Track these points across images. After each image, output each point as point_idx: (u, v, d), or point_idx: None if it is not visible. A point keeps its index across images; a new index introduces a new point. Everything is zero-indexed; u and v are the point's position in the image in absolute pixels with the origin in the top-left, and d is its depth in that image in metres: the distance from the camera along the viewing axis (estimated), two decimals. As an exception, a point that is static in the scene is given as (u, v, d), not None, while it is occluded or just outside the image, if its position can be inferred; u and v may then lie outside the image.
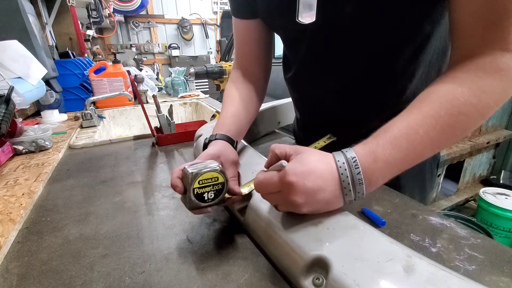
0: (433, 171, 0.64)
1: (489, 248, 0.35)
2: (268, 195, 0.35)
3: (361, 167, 0.31)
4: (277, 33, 0.60)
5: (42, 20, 1.60)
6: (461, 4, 0.35)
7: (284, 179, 0.31)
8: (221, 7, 4.48)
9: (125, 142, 0.88)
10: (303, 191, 0.31)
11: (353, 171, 0.31)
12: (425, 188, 0.63)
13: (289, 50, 0.61)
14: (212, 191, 0.36)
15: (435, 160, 0.64)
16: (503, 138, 2.00)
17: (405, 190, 0.53)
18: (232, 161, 0.45)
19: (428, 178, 0.62)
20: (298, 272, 0.30)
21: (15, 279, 0.34)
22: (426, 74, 0.51)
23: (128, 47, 3.91)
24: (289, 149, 0.35)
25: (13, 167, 0.68)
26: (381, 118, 0.35)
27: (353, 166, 0.31)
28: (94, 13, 2.21)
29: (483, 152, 2.01)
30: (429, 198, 0.73)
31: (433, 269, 0.25)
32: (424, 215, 0.42)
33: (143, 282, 0.33)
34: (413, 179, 0.59)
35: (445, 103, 0.33)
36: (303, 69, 0.58)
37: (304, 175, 0.31)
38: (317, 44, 0.51)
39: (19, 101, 0.76)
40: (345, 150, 0.33)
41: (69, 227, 0.45)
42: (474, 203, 1.96)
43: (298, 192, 0.31)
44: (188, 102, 1.61)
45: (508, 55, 0.32)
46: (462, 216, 1.56)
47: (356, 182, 0.31)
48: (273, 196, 0.34)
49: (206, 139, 0.50)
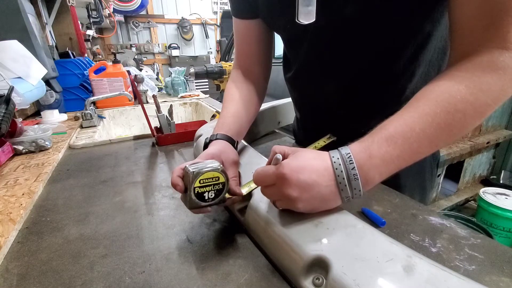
0: (433, 171, 0.63)
1: (489, 248, 0.35)
2: (265, 189, 0.35)
3: (356, 163, 0.32)
4: (278, 33, 0.60)
5: (42, 20, 1.60)
6: (460, 4, 0.35)
7: (278, 172, 0.32)
8: (221, 7, 4.48)
9: (125, 142, 0.88)
10: (296, 184, 0.31)
11: (348, 167, 0.32)
12: (425, 187, 0.63)
13: (289, 50, 0.61)
14: (213, 190, 0.36)
15: (435, 160, 0.64)
16: (503, 138, 2.00)
17: (405, 190, 0.53)
18: (232, 161, 0.45)
19: (428, 178, 0.62)
20: (298, 272, 0.30)
21: (15, 279, 0.34)
22: (426, 73, 0.51)
23: (128, 47, 3.90)
24: (288, 149, 0.36)
25: (13, 167, 0.68)
26: (381, 117, 0.35)
27: (348, 161, 0.32)
28: (94, 13, 2.21)
29: (483, 152, 2.01)
30: (429, 198, 0.73)
31: (433, 269, 0.25)
32: (424, 215, 0.42)
33: (143, 282, 0.33)
34: (413, 179, 0.59)
35: (441, 101, 0.33)
36: (303, 69, 0.58)
37: (299, 169, 0.32)
38: (317, 44, 0.51)
39: (19, 101, 0.76)
40: (340, 147, 0.34)
41: (69, 227, 0.45)
42: (474, 203, 1.96)
43: (291, 184, 0.31)
44: (188, 102, 1.61)
45: (506, 54, 0.32)
46: (462, 216, 1.56)
47: (351, 177, 0.32)
48: (270, 190, 0.34)
49: (206, 138, 0.50)
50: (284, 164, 0.32)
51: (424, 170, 0.61)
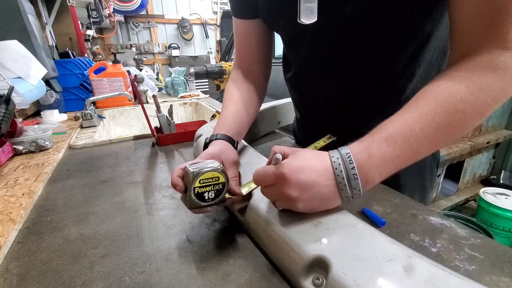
0: (433, 171, 0.63)
1: (489, 248, 0.35)
2: (265, 189, 0.35)
3: (355, 163, 0.32)
4: (278, 33, 0.60)
5: (42, 20, 1.60)
6: (460, 3, 0.35)
7: (278, 171, 0.32)
8: (221, 7, 4.48)
9: (125, 142, 0.88)
10: (296, 184, 0.31)
11: (348, 166, 0.32)
12: (425, 187, 0.63)
13: (289, 50, 0.61)
14: (213, 190, 0.36)
15: (435, 160, 0.64)
16: (503, 138, 2.00)
17: (405, 190, 0.53)
18: (232, 161, 0.45)
19: (428, 178, 0.62)
20: (298, 272, 0.30)
21: (15, 279, 0.34)
22: (426, 73, 0.51)
23: (128, 47, 3.90)
24: (288, 149, 0.36)
25: (13, 167, 0.68)
26: (381, 117, 0.35)
27: (347, 161, 0.32)
28: (94, 13, 2.21)
29: (483, 152, 2.01)
30: (429, 198, 0.73)
31: (433, 269, 0.25)
32: (424, 215, 0.42)
33: (143, 282, 0.33)
34: (413, 179, 0.59)
35: (441, 101, 0.33)
36: (303, 69, 0.58)
37: (298, 169, 0.32)
38: (318, 44, 0.51)
39: (19, 101, 0.76)
40: (340, 147, 0.34)
41: (69, 227, 0.45)
42: (474, 203, 1.96)
43: (291, 184, 0.31)
44: (188, 102, 1.61)
45: (506, 54, 0.32)
46: (462, 216, 1.56)
47: (351, 177, 0.32)
48: (270, 190, 0.34)
49: (206, 139, 0.50)
50: (283, 164, 0.32)
51: (424, 170, 0.61)
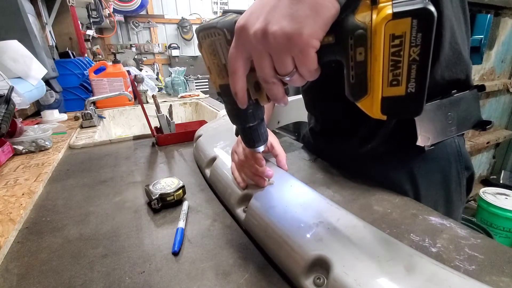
0: (461, 181, 0.50)
1: (489, 248, 0.35)
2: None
3: None
4: None
5: (42, 20, 1.60)
6: None
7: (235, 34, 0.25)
8: (221, 7, 4.47)
9: (125, 142, 0.88)
10: (254, 17, 0.24)
11: None
12: (451, 201, 0.51)
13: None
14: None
15: (461, 162, 0.50)
16: (503, 138, 2.00)
17: (426, 202, 0.46)
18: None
19: (455, 190, 0.50)
20: (299, 272, 0.30)
21: (15, 279, 0.34)
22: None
23: (128, 47, 3.90)
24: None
25: (13, 167, 0.68)
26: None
27: None
28: (94, 13, 2.21)
29: (483, 152, 2.01)
30: (459, 214, 0.53)
31: (434, 268, 0.25)
32: (424, 215, 0.42)
33: (143, 282, 0.33)
34: (435, 189, 0.49)
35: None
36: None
37: (247, 14, 0.24)
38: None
39: (19, 101, 0.76)
40: None
41: (69, 227, 0.45)
42: (474, 203, 1.96)
43: (248, 26, 0.24)
44: (188, 102, 1.61)
45: None
46: (462, 216, 1.56)
47: None
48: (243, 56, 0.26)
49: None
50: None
51: (450, 181, 0.50)
